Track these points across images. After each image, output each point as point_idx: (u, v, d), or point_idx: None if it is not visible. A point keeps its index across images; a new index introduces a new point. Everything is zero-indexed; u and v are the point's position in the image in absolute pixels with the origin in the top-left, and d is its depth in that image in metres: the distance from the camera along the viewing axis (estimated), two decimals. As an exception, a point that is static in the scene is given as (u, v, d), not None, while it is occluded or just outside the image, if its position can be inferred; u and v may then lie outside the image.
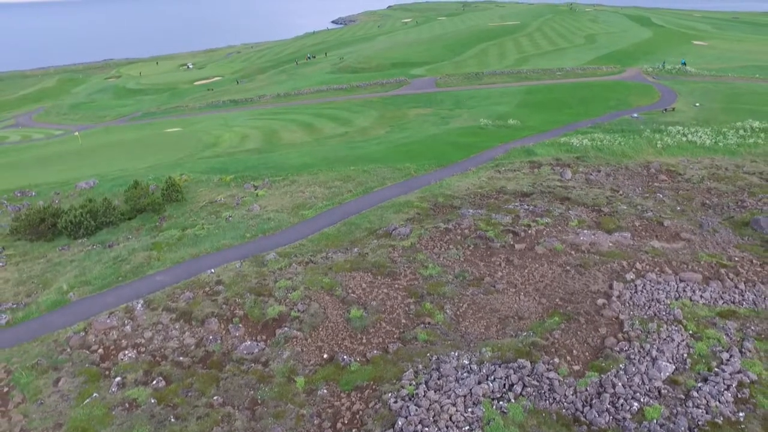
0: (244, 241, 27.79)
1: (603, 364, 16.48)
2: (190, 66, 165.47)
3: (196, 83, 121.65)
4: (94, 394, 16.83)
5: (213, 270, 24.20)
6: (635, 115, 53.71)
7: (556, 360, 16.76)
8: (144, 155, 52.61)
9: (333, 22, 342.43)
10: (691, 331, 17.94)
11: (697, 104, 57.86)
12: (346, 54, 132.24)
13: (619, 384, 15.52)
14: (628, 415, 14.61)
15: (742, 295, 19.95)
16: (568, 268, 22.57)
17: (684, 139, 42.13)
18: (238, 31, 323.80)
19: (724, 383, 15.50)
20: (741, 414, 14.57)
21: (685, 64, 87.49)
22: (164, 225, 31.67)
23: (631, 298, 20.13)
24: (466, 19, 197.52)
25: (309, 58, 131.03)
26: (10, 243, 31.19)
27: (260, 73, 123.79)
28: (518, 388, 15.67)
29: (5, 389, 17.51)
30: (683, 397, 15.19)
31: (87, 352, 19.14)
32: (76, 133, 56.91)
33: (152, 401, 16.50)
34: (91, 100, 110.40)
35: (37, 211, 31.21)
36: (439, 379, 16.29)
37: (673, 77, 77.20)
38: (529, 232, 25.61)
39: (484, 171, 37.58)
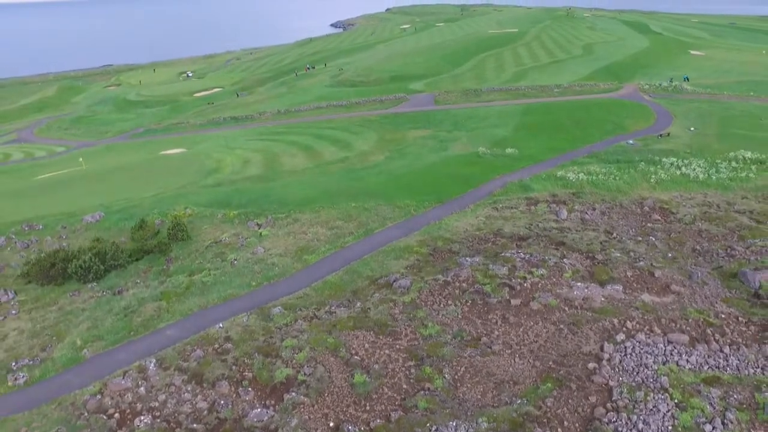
0: (250, 289, 28.80)
1: (593, 438, 17.50)
2: (190, 75, 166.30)
3: (196, 95, 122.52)
4: (113, 466, 17.82)
5: (221, 324, 25.21)
6: (631, 141, 54.74)
7: (549, 433, 17.79)
8: (147, 182, 53.52)
9: (332, 25, 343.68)
10: (676, 400, 18.95)
11: (692, 128, 58.88)
12: (345, 64, 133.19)
13: (608, 461, 16.55)
14: (616, 494, 15.62)
15: (727, 360, 20.97)
16: (561, 326, 23.58)
17: (678, 172, 43.14)
18: (237, 35, 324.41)
19: (706, 459, 16.51)
20: (721, 493, 15.59)
21: (687, 79, 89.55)
22: (171, 268, 32.65)
23: (620, 362, 21.15)
24: (464, 26, 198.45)
25: (308, 68, 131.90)
26: (21, 287, 32.14)
27: (260, 85, 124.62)
28: (513, 464, 16.69)
29: (28, 459, 18.51)
30: (667, 474, 16.21)
31: (104, 417, 20.14)
32: (81, 159, 57.92)
33: (168, 473, 17.50)
34: (93, 113, 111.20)
35: (48, 256, 32.18)
36: (438, 452, 17.30)
37: (669, 95, 78.23)
38: (525, 285, 26.61)
39: (482, 208, 38.61)
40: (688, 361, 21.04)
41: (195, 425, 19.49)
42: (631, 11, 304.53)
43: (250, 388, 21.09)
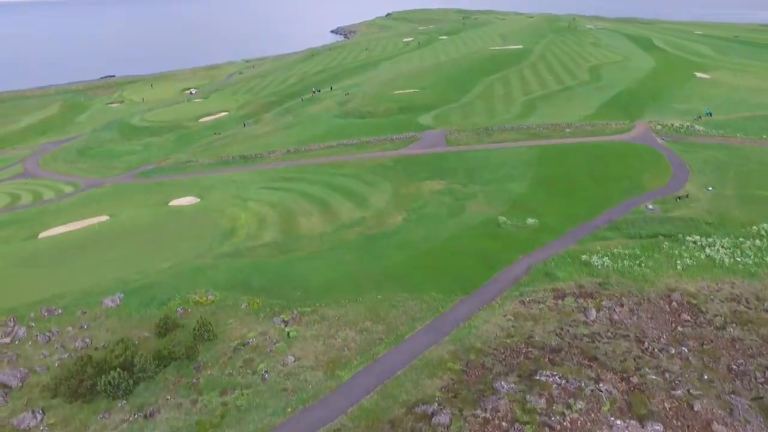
0: (285, 417, 28.50)
1: None
2: (193, 92, 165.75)
3: (201, 120, 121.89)
4: None
5: (261, 473, 24.92)
6: (650, 206, 54.45)
7: None
8: (162, 247, 53.12)
9: (332, 32, 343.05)
10: None
11: (710, 188, 58.57)
12: (351, 87, 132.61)
13: None
14: None
15: None
16: (608, 484, 23.33)
17: (702, 255, 42.92)
18: (237, 42, 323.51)
19: None
20: None
21: (711, 114, 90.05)
22: (201, 381, 32.28)
23: None
24: (467, 40, 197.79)
25: (314, 92, 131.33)
26: (48, 401, 31.75)
27: (265, 110, 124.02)
28: None
29: None
30: None
31: None
32: (95, 224, 57.59)
33: None
34: (98, 143, 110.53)
35: (76, 371, 31.79)
36: None
37: (681, 137, 78.00)
38: (564, 423, 26.32)
39: (509, 302, 38.36)
40: None
41: None
42: (631, 19, 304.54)
43: None
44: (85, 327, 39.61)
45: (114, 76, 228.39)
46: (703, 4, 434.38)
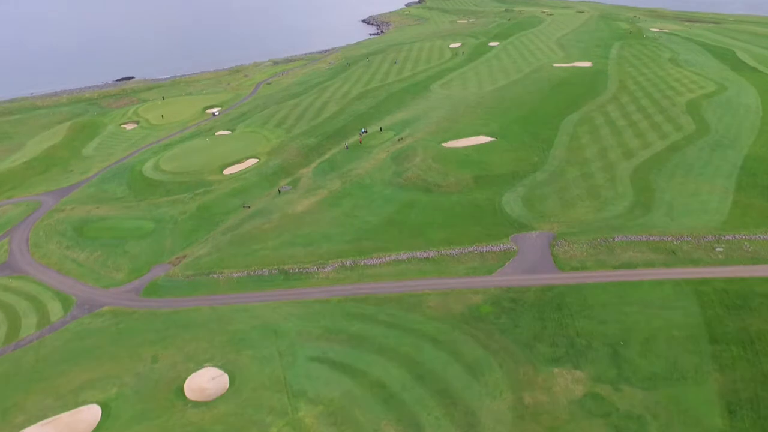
0: None
1: None
2: (216, 113, 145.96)
3: (226, 172, 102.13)
4: None
5: None
6: None
7: None
8: None
9: (363, 21, 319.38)
10: None
11: None
12: (403, 126, 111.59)
13: None
14: None
15: None
16: None
17: None
18: (263, 32, 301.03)
19: None
20: None
21: None
22: None
23: None
24: (523, 50, 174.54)
25: (362, 134, 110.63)
26: None
27: (302, 162, 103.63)
28: None
29: None
30: None
31: None
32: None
33: None
34: (102, 203, 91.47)
35: None
36: None
37: None
38: None
39: None
40: None
41: None
42: (690, 14, 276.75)
43: None
44: None
45: (132, 77, 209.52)
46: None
